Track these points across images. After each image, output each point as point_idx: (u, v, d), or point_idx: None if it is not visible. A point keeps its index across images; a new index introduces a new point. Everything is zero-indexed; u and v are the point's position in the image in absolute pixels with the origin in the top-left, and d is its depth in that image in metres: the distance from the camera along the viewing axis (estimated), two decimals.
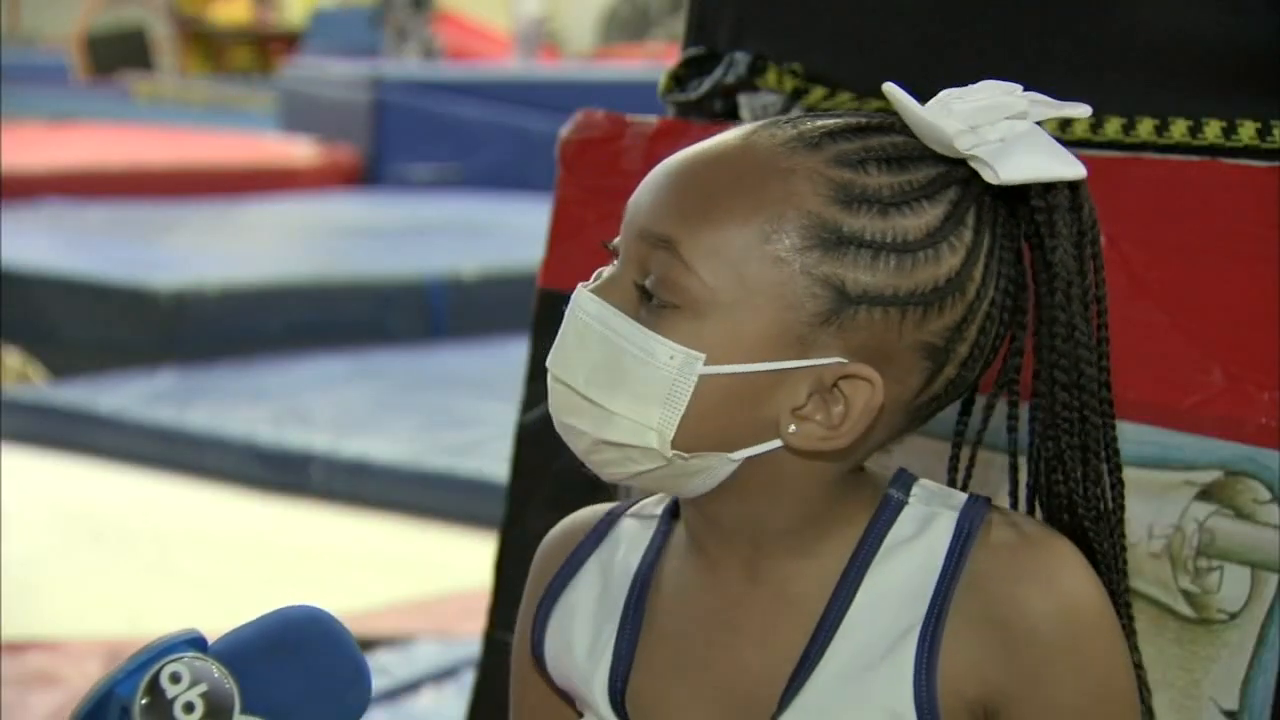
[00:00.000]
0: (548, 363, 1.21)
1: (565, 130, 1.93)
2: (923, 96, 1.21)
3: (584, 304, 1.19)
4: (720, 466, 1.18)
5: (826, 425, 1.17)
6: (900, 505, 1.23)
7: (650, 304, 1.17)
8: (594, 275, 1.21)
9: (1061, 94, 1.66)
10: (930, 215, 1.17)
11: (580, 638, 1.28)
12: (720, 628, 1.24)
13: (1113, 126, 1.62)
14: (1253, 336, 1.49)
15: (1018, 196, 1.19)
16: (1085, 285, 1.21)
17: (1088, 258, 1.21)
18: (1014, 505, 1.29)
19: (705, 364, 1.15)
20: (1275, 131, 1.55)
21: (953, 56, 1.71)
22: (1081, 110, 1.22)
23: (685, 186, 1.18)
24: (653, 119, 1.87)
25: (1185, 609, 1.50)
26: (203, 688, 1.11)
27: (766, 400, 1.17)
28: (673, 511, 1.30)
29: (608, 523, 1.32)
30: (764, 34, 1.85)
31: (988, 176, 1.17)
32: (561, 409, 1.21)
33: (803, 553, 1.22)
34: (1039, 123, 1.20)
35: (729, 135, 1.20)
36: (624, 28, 19.35)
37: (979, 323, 1.19)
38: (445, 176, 11.37)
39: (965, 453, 1.31)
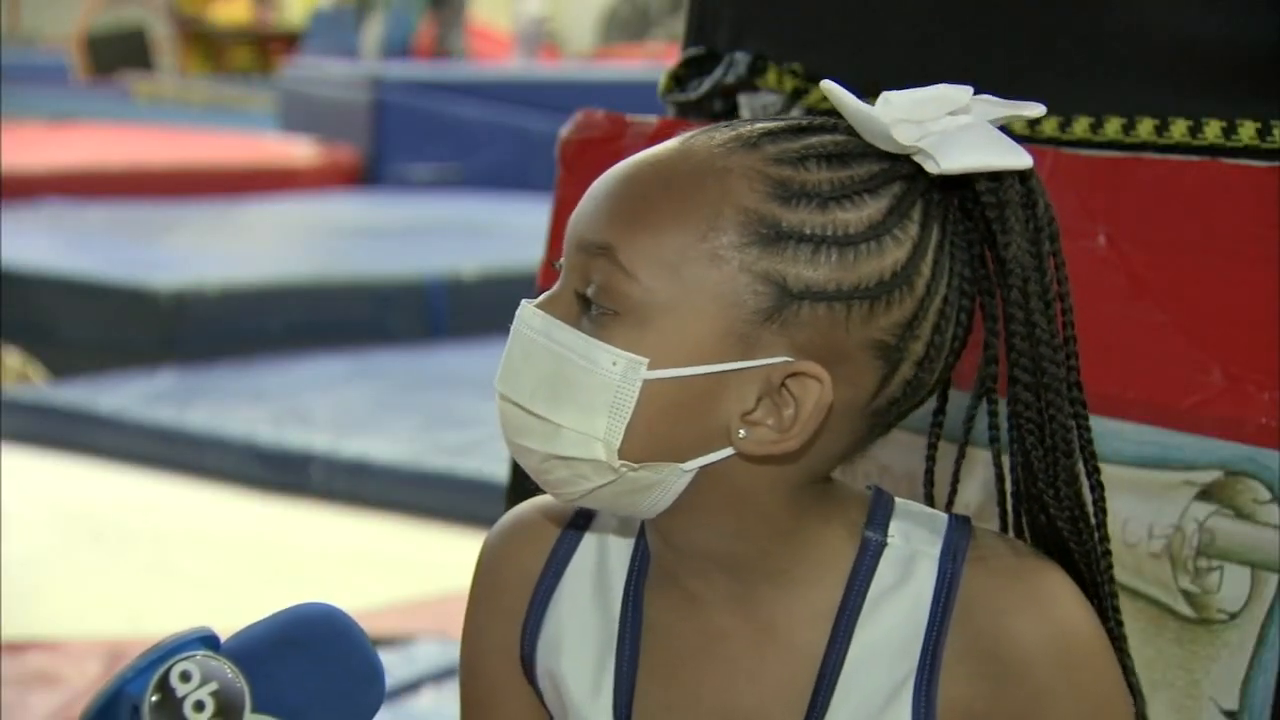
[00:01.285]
0: (495, 383, 1.19)
1: (565, 130, 1.93)
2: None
3: (528, 319, 1.17)
4: (673, 479, 1.16)
5: (777, 429, 1.15)
6: (880, 548, 1.20)
7: (592, 313, 1.15)
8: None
9: (1062, 94, 1.66)
10: (872, 209, 1.15)
11: (573, 665, 1.26)
12: (710, 663, 1.22)
13: (1113, 126, 1.62)
14: (1253, 336, 1.49)
15: (970, 193, 1.17)
16: (1045, 282, 1.18)
17: (1046, 254, 1.18)
18: (1001, 511, 1.28)
19: (649, 369, 1.14)
20: (1275, 131, 1.55)
21: (953, 57, 1.71)
22: (1035, 109, 1.20)
23: (621, 194, 1.17)
24: (653, 119, 1.87)
25: (1185, 609, 1.50)
26: (213, 686, 1.10)
27: (715, 405, 1.15)
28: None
29: (585, 518, 1.29)
30: (764, 34, 1.85)
31: (929, 167, 1.15)
32: (511, 429, 1.19)
33: (783, 583, 1.20)
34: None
35: (668, 142, 1.19)
36: (624, 28, 19.34)
37: (932, 320, 1.16)
38: (445, 176, 11.36)
39: (946, 450, 1.29)
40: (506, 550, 1.31)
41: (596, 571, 1.27)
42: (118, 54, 17.82)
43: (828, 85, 1.18)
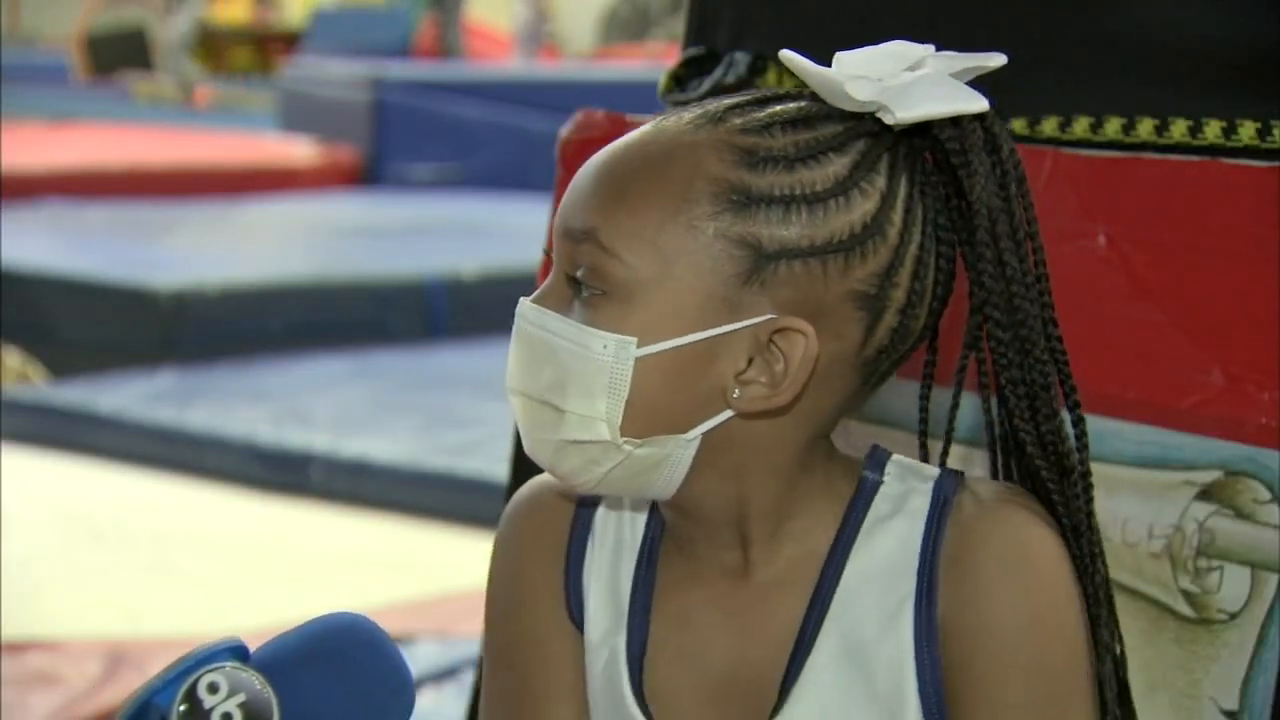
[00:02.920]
0: (508, 383, 1.23)
1: (565, 130, 1.93)
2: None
3: (525, 314, 1.22)
4: (678, 451, 1.20)
5: (770, 385, 1.19)
6: (876, 485, 1.25)
7: (584, 297, 1.20)
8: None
9: (1062, 94, 1.66)
10: (838, 165, 1.19)
11: (595, 626, 1.30)
12: (716, 621, 1.26)
13: (1113, 126, 1.62)
14: (1253, 336, 1.49)
15: (937, 143, 1.21)
16: (1014, 223, 1.21)
17: (1014, 196, 1.22)
18: (991, 456, 1.30)
19: (639, 345, 1.18)
20: (1275, 131, 1.55)
21: None
22: (995, 60, 1.23)
23: (599, 179, 1.22)
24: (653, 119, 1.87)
25: (1185, 609, 1.50)
26: (241, 698, 1.09)
27: (707, 371, 1.19)
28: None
29: (595, 500, 1.32)
30: (764, 34, 1.85)
31: (887, 119, 1.19)
32: (527, 425, 1.23)
33: (787, 537, 1.24)
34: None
35: (643, 127, 1.24)
36: (624, 28, 19.34)
37: (909, 267, 1.20)
38: (445, 176, 11.36)
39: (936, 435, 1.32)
40: (533, 516, 1.34)
41: (614, 544, 1.31)
42: (118, 54, 17.81)
43: (785, 54, 1.22)
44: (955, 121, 1.20)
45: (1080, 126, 1.63)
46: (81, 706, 3.67)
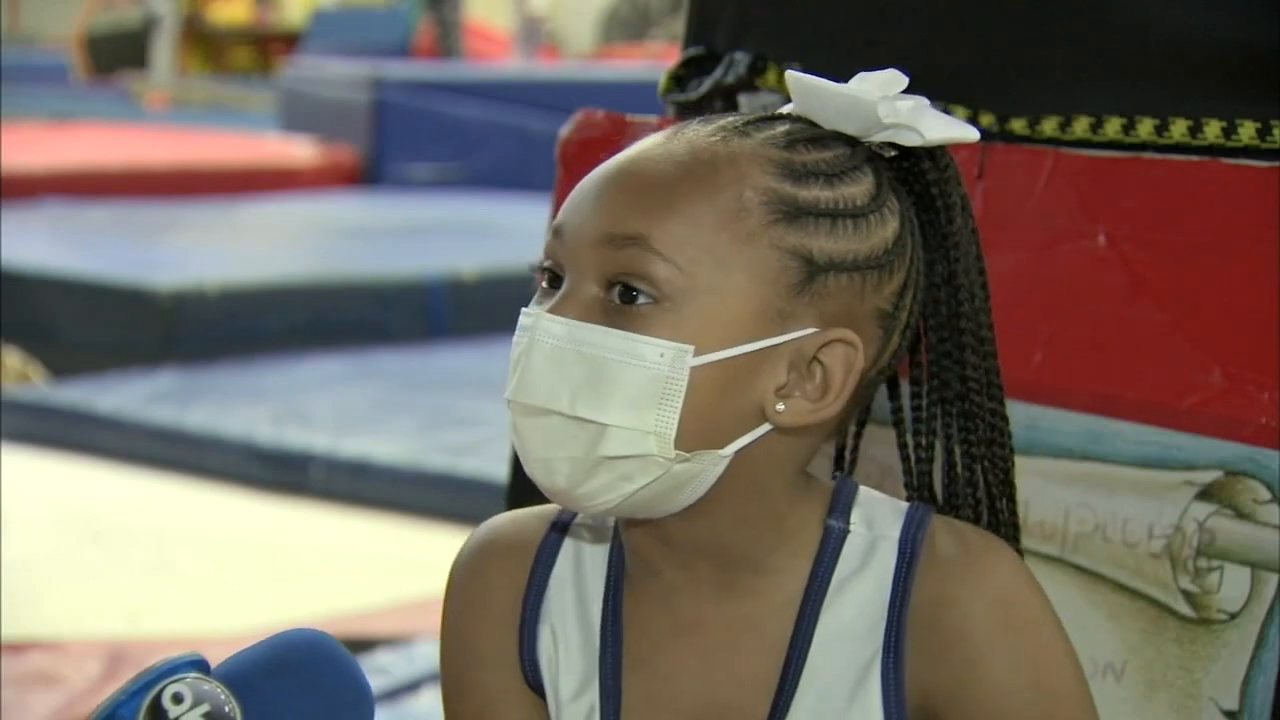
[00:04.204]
0: (516, 398, 1.18)
1: (565, 130, 1.93)
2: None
3: (548, 328, 1.16)
4: (711, 469, 1.17)
5: (812, 397, 1.18)
6: (842, 535, 1.22)
7: (620, 307, 1.16)
8: (535, 300, 1.20)
9: (1062, 94, 1.66)
10: (867, 183, 1.20)
11: (565, 671, 1.26)
12: (687, 653, 1.23)
13: (1113, 126, 1.62)
14: (1253, 336, 1.49)
15: (909, 171, 1.22)
16: (979, 253, 1.24)
17: (972, 227, 1.24)
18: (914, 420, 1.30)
19: (694, 354, 1.15)
20: (1275, 131, 1.55)
21: (953, 57, 1.71)
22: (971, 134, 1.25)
23: (637, 185, 1.18)
24: (653, 119, 1.87)
25: (1185, 609, 1.50)
26: (204, 708, 1.10)
27: (751, 383, 1.17)
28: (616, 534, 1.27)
29: (559, 531, 1.29)
30: (764, 34, 1.85)
31: (908, 140, 1.20)
32: (542, 444, 1.17)
33: (761, 571, 1.22)
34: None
35: (653, 138, 1.21)
36: (624, 28, 19.35)
37: (913, 289, 1.21)
38: (445, 176, 11.37)
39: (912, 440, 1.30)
40: (487, 563, 1.30)
41: (575, 580, 1.27)
42: (118, 54, 17.82)
43: (795, 75, 1.22)
44: (930, 153, 1.22)
45: (1080, 126, 1.63)
46: (81, 706, 3.67)
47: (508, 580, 1.28)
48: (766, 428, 1.18)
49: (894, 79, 1.20)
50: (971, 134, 1.22)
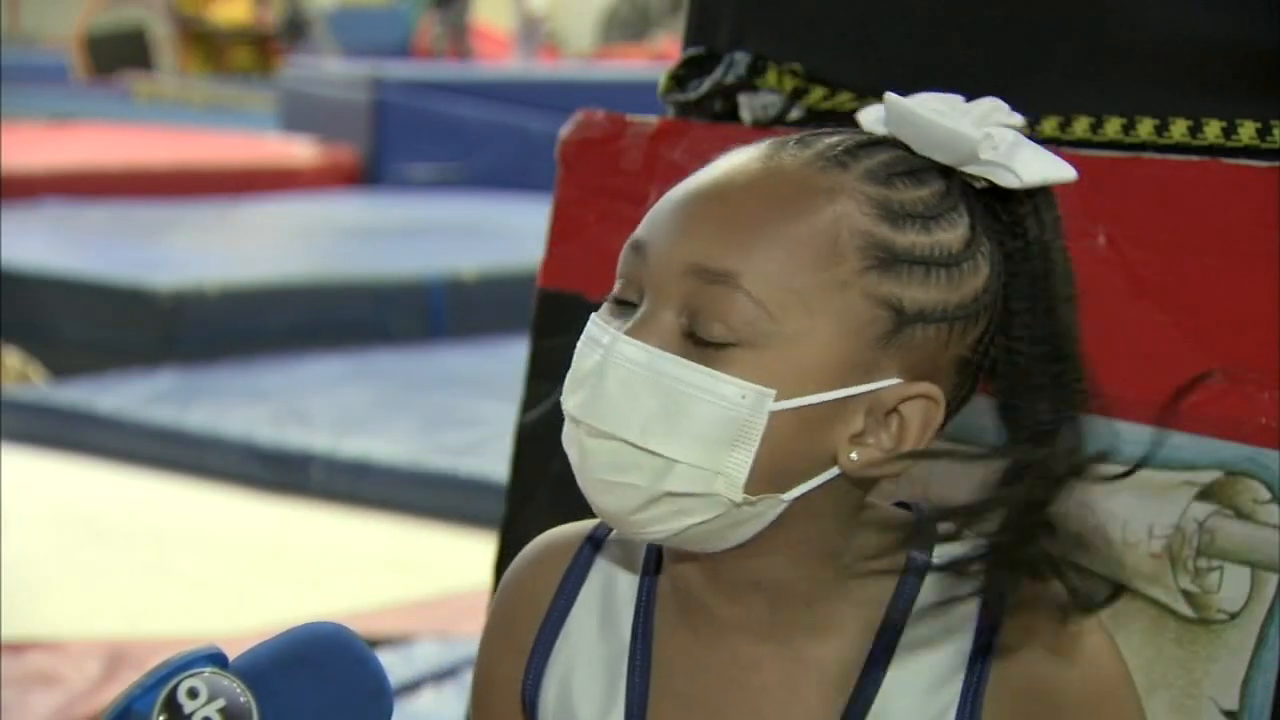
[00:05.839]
0: (584, 419, 1.13)
1: (565, 130, 1.93)
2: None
3: (626, 351, 1.12)
4: (770, 511, 1.13)
5: (886, 447, 1.13)
6: (923, 569, 1.18)
7: (700, 341, 1.11)
8: (606, 311, 1.16)
9: (1062, 94, 1.66)
10: (962, 226, 1.14)
11: (583, 699, 1.23)
12: (739, 692, 1.20)
13: (1113, 126, 1.62)
14: (1253, 336, 1.49)
15: (1000, 207, 1.16)
16: (1072, 291, 1.16)
17: (1066, 270, 1.16)
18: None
19: (775, 399, 1.11)
20: (1275, 131, 1.55)
21: (953, 57, 1.71)
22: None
23: (730, 216, 1.13)
24: (653, 119, 1.87)
25: (1185, 609, 1.49)
26: (220, 703, 1.09)
27: (826, 431, 1.12)
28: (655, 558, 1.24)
29: (591, 551, 1.26)
30: (764, 34, 1.85)
31: (1005, 181, 1.13)
32: (605, 467, 1.13)
33: (823, 609, 1.18)
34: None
35: (746, 159, 1.15)
36: (624, 28, 19.36)
37: (993, 334, 1.15)
38: (445, 176, 11.37)
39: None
40: (520, 580, 1.28)
41: (602, 605, 1.25)
42: (118, 54, 17.83)
43: (893, 99, 1.15)
44: (1030, 194, 1.15)
45: (1080, 126, 1.63)
46: (81, 706, 3.67)
47: (532, 602, 1.27)
48: (835, 472, 1.14)
49: (995, 109, 1.15)
50: (1069, 174, 1.15)
